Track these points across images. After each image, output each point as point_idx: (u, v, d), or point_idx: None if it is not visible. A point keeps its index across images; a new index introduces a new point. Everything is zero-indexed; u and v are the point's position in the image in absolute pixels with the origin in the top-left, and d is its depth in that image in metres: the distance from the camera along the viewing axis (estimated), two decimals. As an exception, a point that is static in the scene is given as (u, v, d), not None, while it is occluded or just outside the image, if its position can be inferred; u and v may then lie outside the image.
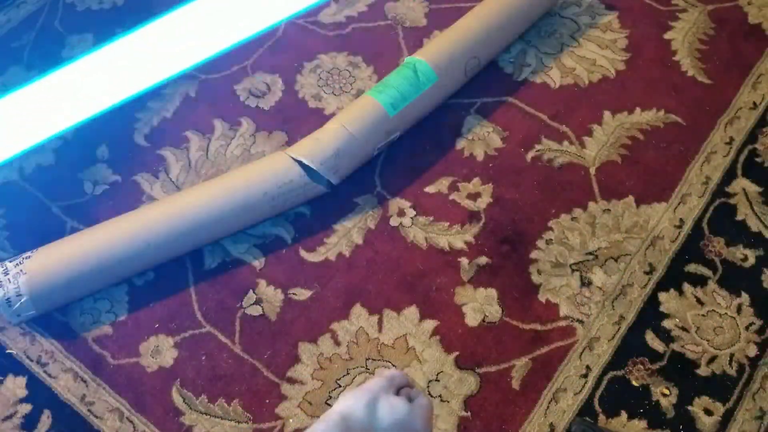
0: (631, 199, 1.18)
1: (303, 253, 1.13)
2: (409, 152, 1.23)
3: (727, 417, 0.99)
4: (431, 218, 1.16)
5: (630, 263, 1.11)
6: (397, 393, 0.60)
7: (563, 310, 1.07)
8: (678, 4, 1.42)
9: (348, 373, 1.02)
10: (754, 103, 1.29)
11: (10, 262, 1.01)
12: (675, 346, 1.04)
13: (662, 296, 1.09)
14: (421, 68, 1.18)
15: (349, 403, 0.57)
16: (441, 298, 1.08)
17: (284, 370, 1.03)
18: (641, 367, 1.03)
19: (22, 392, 1.02)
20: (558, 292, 1.09)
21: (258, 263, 1.12)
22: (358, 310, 1.07)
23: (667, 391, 1.01)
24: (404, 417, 0.56)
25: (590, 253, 1.12)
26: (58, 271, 1.01)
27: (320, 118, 1.27)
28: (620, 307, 1.08)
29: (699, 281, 1.10)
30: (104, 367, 1.03)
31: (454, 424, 0.98)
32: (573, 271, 1.11)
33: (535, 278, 1.10)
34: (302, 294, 1.09)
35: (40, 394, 1.01)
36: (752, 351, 1.04)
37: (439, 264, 1.11)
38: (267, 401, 1.00)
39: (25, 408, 1.01)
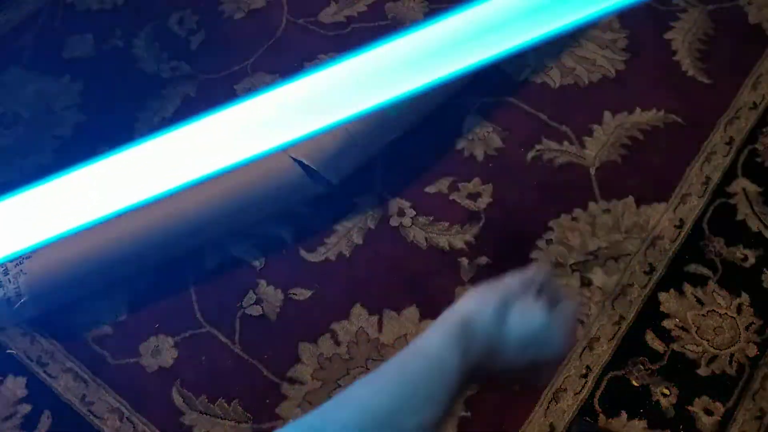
0: (631, 199, 1.18)
1: (303, 253, 1.13)
2: (409, 152, 1.23)
3: (727, 417, 0.99)
4: (431, 218, 1.16)
5: (630, 263, 1.11)
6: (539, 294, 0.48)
7: (563, 310, 1.07)
8: (678, 4, 1.42)
9: (348, 373, 1.02)
10: (754, 103, 1.29)
11: (10, 262, 1.01)
12: (675, 346, 1.04)
13: (662, 296, 1.09)
14: (421, 68, 1.18)
15: (476, 305, 0.46)
16: (441, 298, 1.08)
17: (284, 370, 1.03)
18: (641, 367, 1.03)
19: (22, 392, 1.02)
20: (558, 292, 1.09)
21: (258, 263, 1.12)
22: (358, 310, 1.07)
23: (667, 391, 1.01)
24: (540, 328, 0.46)
25: (590, 253, 1.12)
26: (58, 271, 1.01)
27: (320, 118, 1.26)
28: (620, 307, 1.08)
29: (699, 281, 1.10)
30: (104, 367, 1.03)
31: (454, 424, 0.98)
32: (573, 271, 1.11)
33: (535, 278, 1.10)
34: (302, 294, 1.09)
35: (40, 394, 1.01)
36: (752, 351, 1.04)
37: (439, 264, 1.11)
38: (267, 401, 1.00)
39: (25, 408, 1.01)
